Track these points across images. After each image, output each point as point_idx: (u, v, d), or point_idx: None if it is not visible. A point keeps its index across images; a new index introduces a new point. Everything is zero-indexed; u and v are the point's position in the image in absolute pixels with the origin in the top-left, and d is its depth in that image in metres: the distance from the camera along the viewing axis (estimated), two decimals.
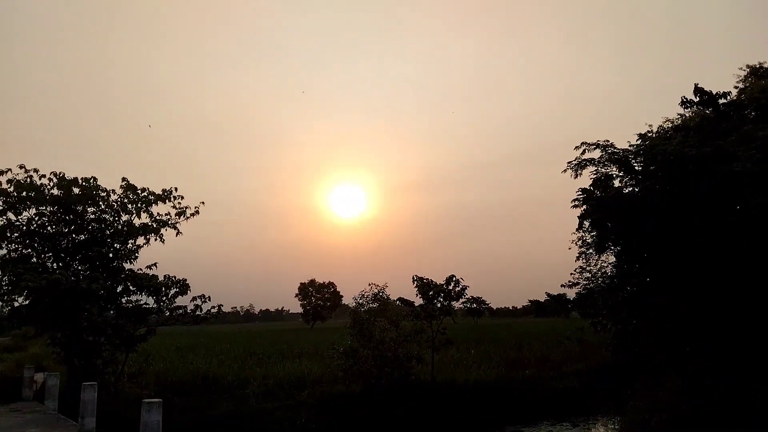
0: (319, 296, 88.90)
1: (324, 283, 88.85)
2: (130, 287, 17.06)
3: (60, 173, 17.79)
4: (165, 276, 17.51)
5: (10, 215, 17.68)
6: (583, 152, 20.36)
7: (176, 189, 19.06)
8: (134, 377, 21.23)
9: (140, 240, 18.85)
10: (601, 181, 22.50)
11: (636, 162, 20.61)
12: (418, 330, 18.77)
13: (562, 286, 44.32)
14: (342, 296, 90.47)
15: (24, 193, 17.46)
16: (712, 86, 19.54)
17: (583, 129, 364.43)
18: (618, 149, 19.87)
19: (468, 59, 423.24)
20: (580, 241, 35.61)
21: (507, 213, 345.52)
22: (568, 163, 21.09)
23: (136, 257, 18.44)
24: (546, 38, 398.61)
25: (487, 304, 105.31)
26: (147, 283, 16.77)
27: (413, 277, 20.64)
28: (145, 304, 17.67)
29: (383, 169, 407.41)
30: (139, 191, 18.95)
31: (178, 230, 19.14)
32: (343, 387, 18.58)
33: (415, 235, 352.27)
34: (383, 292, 19.79)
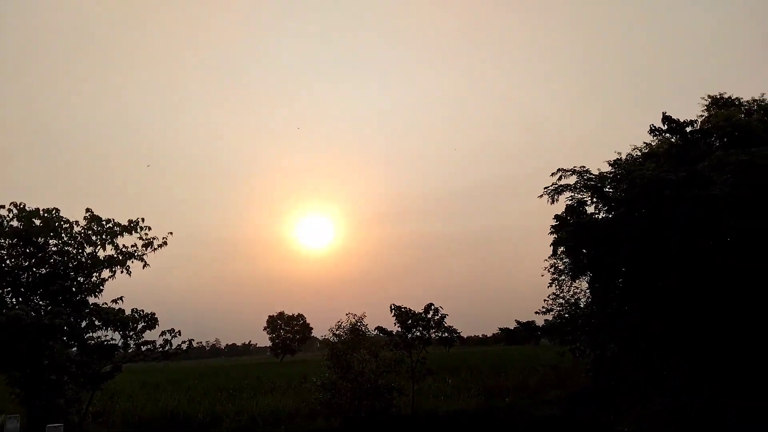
0: (288, 329, 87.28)
1: (293, 315, 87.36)
2: (96, 322, 16.21)
3: (20, 204, 17.01)
4: (132, 310, 16.75)
5: None
6: (560, 178, 20.40)
7: (143, 219, 18.43)
8: (99, 416, 20.18)
9: (105, 273, 18.07)
10: (574, 208, 22.57)
11: (610, 187, 20.72)
12: (399, 360, 18.26)
13: (536, 313, 44.09)
14: (312, 328, 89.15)
15: None
16: (675, 115, 19.85)
17: (549, 160, 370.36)
18: (593, 174, 19.98)
19: (434, 91, 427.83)
20: (553, 268, 35.78)
21: (474, 242, 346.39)
22: (545, 188, 21.10)
23: (101, 290, 17.64)
24: (512, 71, 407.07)
25: (458, 333, 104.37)
26: (113, 317, 15.98)
27: (391, 306, 20.21)
28: (111, 339, 16.83)
29: (350, 199, 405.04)
30: (104, 222, 18.23)
31: (145, 262, 18.43)
32: (322, 422, 17.90)
33: (383, 265, 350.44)
34: (361, 322, 19.30)
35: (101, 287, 17.70)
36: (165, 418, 20.88)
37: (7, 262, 17.31)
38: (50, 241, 17.42)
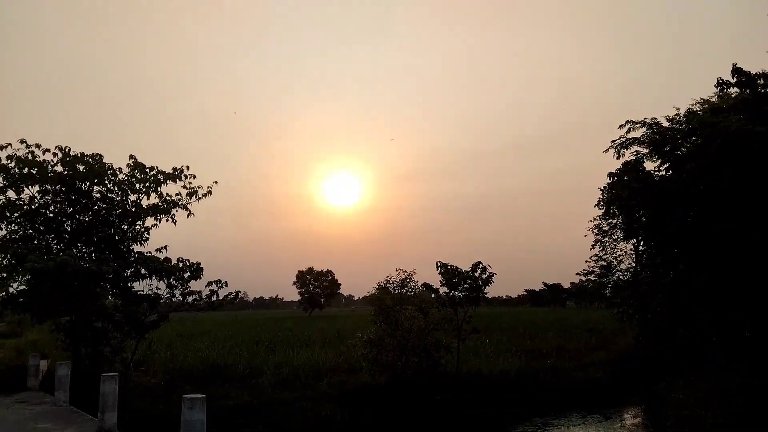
0: (316, 284, 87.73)
1: (322, 270, 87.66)
2: (141, 271, 15.86)
3: (65, 148, 16.51)
4: (178, 259, 16.35)
5: (11, 193, 16.48)
6: (628, 131, 19.28)
7: (188, 167, 17.87)
8: (139, 365, 20.17)
9: (149, 221, 17.69)
10: (633, 165, 21.53)
11: (670, 144, 19.59)
12: (449, 318, 17.68)
13: (576, 274, 43.49)
14: (340, 284, 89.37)
15: (26, 170, 16.23)
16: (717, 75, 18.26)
17: (579, 119, 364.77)
18: (664, 127, 18.79)
19: (464, 49, 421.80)
20: (597, 229, 34.91)
21: (501, 202, 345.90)
22: (612, 141, 20.05)
23: (147, 239, 17.29)
24: (542, 28, 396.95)
25: (485, 293, 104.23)
26: (159, 266, 15.60)
27: (437, 263, 19.59)
28: (157, 288, 16.54)
29: (378, 158, 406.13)
30: (148, 169, 17.76)
31: (190, 211, 17.98)
32: (367, 377, 17.53)
33: (409, 225, 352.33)
34: (411, 278, 18.72)
35: (147, 235, 17.38)
36: (205, 369, 20.80)
37: (51, 208, 17.02)
38: (94, 188, 17.02)
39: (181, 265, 16.14)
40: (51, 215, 16.96)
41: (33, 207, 16.72)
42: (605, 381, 22.71)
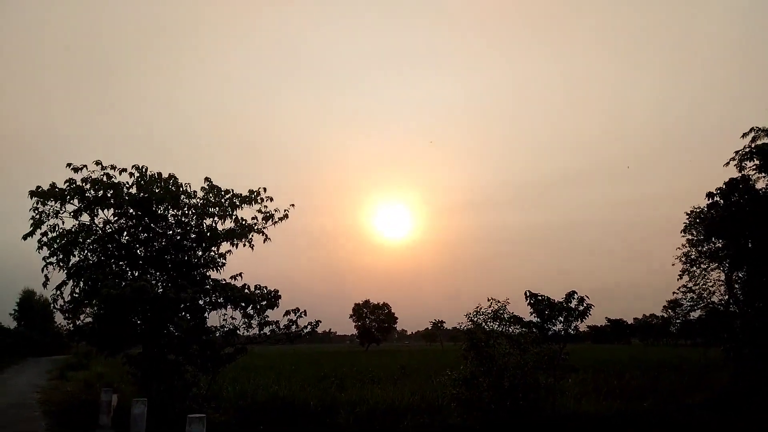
0: (373, 317, 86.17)
1: (378, 304, 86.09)
2: (219, 299, 14.86)
3: (142, 167, 15.82)
4: (256, 286, 15.33)
5: (85, 217, 15.86)
6: (753, 140, 17.44)
7: (264, 190, 16.96)
8: (207, 401, 19.18)
9: (224, 246, 16.78)
10: (739, 183, 19.58)
11: None
12: (551, 356, 15.90)
13: (664, 306, 40.70)
14: (397, 318, 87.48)
15: (101, 193, 15.60)
16: None
17: (630, 149, 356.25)
18: None
19: (512, 79, 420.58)
20: (684, 257, 32.46)
21: (552, 234, 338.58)
22: (736, 152, 18.20)
23: (223, 264, 16.36)
24: (591, 56, 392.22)
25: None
26: (238, 294, 14.58)
27: (526, 293, 17.93)
28: (232, 318, 15.52)
29: (428, 189, 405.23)
30: (223, 192, 16.95)
31: (266, 236, 17.00)
32: (456, 419, 15.89)
33: (460, 256, 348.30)
34: (504, 309, 17.13)
35: (223, 261, 16.45)
36: (277, 405, 19.61)
37: (125, 233, 16.33)
38: (169, 211, 16.26)
39: (258, 292, 15.10)
40: (125, 241, 16.27)
41: (107, 232, 16.07)
42: (713, 423, 20.35)
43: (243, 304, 15.27)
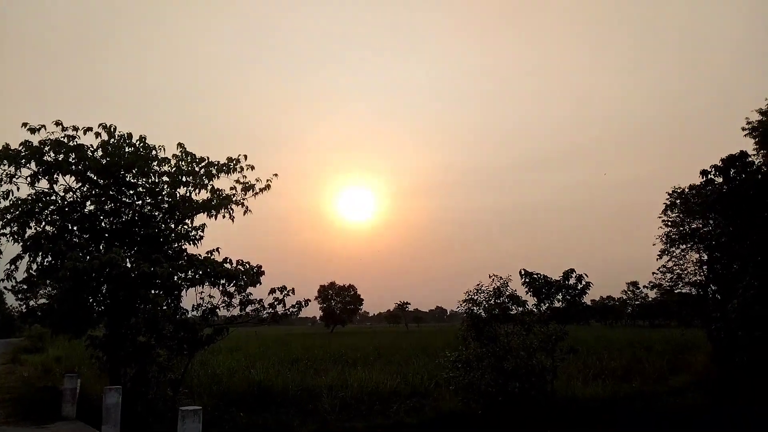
0: (338, 299, 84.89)
1: (344, 286, 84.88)
2: (197, 275, 13.38)
3: (110, 125, 14.09)
4: (237, 261, 13.93)
5: (43, 183, 14.11)
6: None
7: (245, 157, 15.47)
8: (178, 385, 17.76)
9: (200, 219, 15.27)
10: (735, 159, 18.98)
11: None
12: (558, 336, 14.90)
13: (644, 287, 40.44)
14: (363, 300, 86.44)
15: (61, 156, 13.87)
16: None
17: (595, 134, 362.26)
18: None
19: (481, 63, 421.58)
20: (665, 237, 32.17)
21: (518, 217, 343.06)
22: (747, 123, 17.56)
23: (201, 238, 14.87)
24: (559, 43, 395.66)
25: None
26: (219, 269, 13.16)
27: (521, 271, 17.09)
28: (210, 296, 14.11)
29: (392, 172, 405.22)
30: (198, 159, 15.41)
31: (247, 208, 15.56)
32: (458, 404, 14.83)
33: (425, 240, 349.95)
34: (507, 286, 16.15)
35: (201, 234, 14.94)
36: (253, 391, 18.32)
37: (88, 203, 14.64)
38: (139, 179, 14.62)
39: (240, 268, 13.72)
40: (88, 211, 14.60)
41: (68, 201, 14.38)
42: (703, 408, 19.91)
43: (223, 281, 13.88)
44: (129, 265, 12.08)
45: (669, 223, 33.55)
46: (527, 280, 16.82)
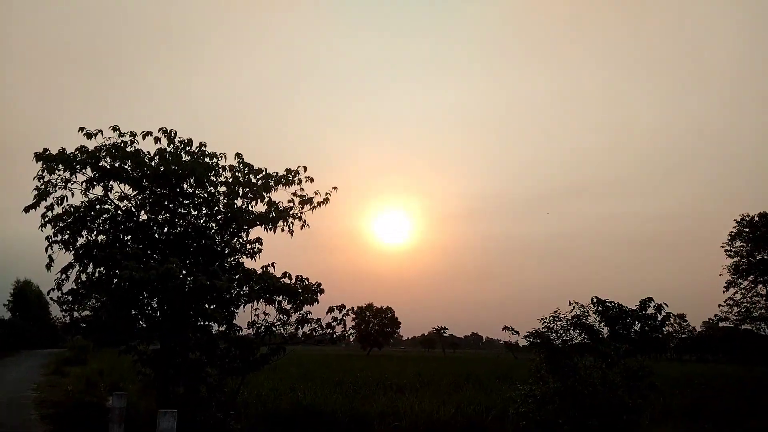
0: (375, 321, 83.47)
1: (382, 307, 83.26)
2: (254, 290, 12.61)
3: (171, 130, 13.53)
4: (297, 277, 13.13)
5: (98, 190, 13.58)
6: None
7: (305, 169, 14.73)
8: (227, 408, 16.96)
9: (255, 232, 14.56)
10: None
11: None
12: (646, 371, 13.48)
13: (710, 320, 38.42)
14: (400, 322, 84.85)
15: (117, 162, 13.35)
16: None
17: (633, 162, 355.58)
18: None
19: (514, 89, 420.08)
20: (734, 268, 30.37)
21: (552, 246, 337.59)
22: None
23: (259, 251, 14.15)
24: (596, 69, 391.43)
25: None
26: (277, 285, 12.37)
27: (592, 299, 15.89)
28: (265, 313, 13.33)
29: (428, 197, 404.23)
30: (256, 170, 14.75)
31: (304, 222, 14.78)
32: None
33: (460, 264, 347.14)
34: (588, 314, 14.97)
35: (260, 246, 14.22)
36: (299, 414, 17.49)
37: (142, 213, 14.07)
38: (197, 190, 13.98)
39: (299, 284, 12.91)
40: (141, 221, 14.02)
41: (123, 209, 13.83)
42: None
43: (280, 298, 13.08)
44: (185, 277, 11.36)
45: (732, 253, 31.85)
46: (600, 308, 15.54)
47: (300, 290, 12.68)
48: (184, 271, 12.80)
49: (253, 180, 14.66)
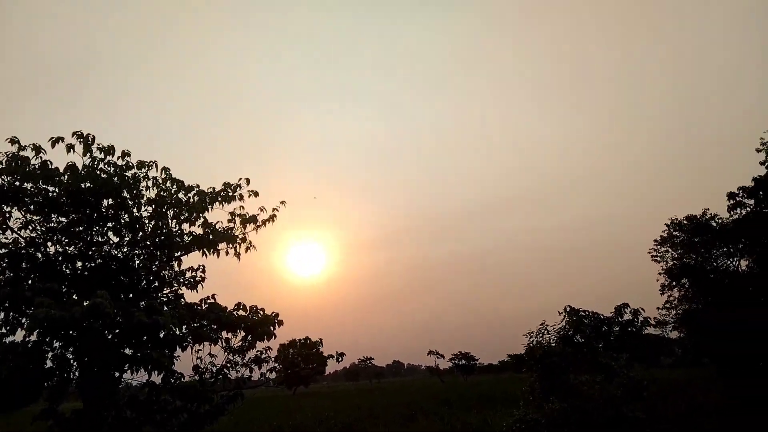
0: (300, 358, 78.73)
1: (307, 341, 78.66)
2: (206, 326, 10.39)
3: (88, 135, 11.07)
4: (250, 308, 11.04)
5: None
6: None
7: (248, 182, 12.72)
8: None
9: (193, 258, 12.35)
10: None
11: None
12: (642, 383, 12.25)
13: (653, 326, 38.66)
14: (327, 356, 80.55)
15: (16, 182, 10.80)
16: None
17: (542, 181, 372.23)
18: None
19: (426, 118, 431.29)
20: (667, 273, 30.66)
21: (470, 265, 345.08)
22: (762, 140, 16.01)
23: (202, 280, 11.93)
24: (501, 95, 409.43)
25: (477, 360, 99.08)
26: (230, 319, 10.24)
27: (565, 308, 14.64)
28: (210, 355, 11.13)
29: (341, 226, 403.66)
30: (188, 187, 12.60)
31: (249, 243, 12.71)
32: None
33: (376, 292, 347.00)
34: (583, 321, 13.63)
35: (203, 275, 12.00)
36: None
37: (50, 243, 11.52)
38: (119, 212, 11.58)
39: (253, 317, 10.84)
40: (49, 254, 11.47)
41: (23, 242, 11.24)
42: None
43: (227, 335, 10.95)
44: (115, 315, 9.02)
45: (659, 258, 32.42)
46: (572, 318, 14.36)
47: (257, 324, 10.59)
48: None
49: (183, 198, 12.50)
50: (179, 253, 12.25)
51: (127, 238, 11.91)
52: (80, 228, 11.47)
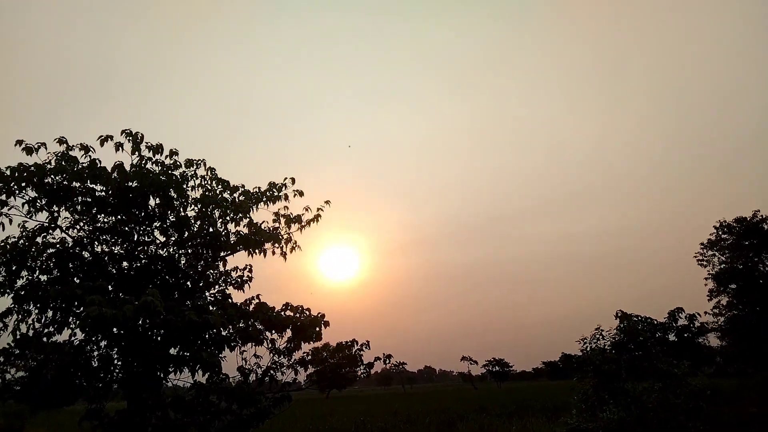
0: (333, 361, 78.36)
1: (344, 343, 77.78)
2: (250, 326, 10.25)
3: (136, 132, 11.04)
4: (297, 308, 10.87)
5: (41, 217, 10.97)
6: None
7: (293, 181, 12.57)
8: None
9: (238, 258, 12.25)
10: None
11: None
12: (701, 392, 11.69)
13: (711, 332, 37.38)
14: (363, 359, 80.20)
15: (65, 181, 10.79)
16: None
17: (574, 184, 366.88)
18: None
19: (461, 121, 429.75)
20: (715, 277, 29.69)
21: (498, 270, 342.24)
22: None
23: (249, 280, 11.82)
24: (534, 97, 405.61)
25: (511, 366, 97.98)
26: (279, 319, 10.08)
27: (616, 313, 14.11)
28: (256, 356, 10.98)
29: (375, 229, 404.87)
30: (233, 187, 12.51)
31: (295, 243, 12.56)
32: None
33: (408, 296, 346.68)
34: (639, 325, 13.15)
35: (250, 275, 11.91)
36: None
37: (96, 245, 11.50)
38: (168, 211, 11.53)
39: (302, 318, 10.66)
40: (96, 253, 11.46)
41: (71, 241, 11.26)
42: None
43: (274, 336, 10.79)
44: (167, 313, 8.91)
45: (705, 262, 31.43)
46: (624, 324, 13.82)
47: (308, 325, 10.41)
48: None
49: (228, 198, 12.41)
50: (225, 253, 12.16)
51: (174, 238, 11.86)
52: (127, 227, 11.44)
